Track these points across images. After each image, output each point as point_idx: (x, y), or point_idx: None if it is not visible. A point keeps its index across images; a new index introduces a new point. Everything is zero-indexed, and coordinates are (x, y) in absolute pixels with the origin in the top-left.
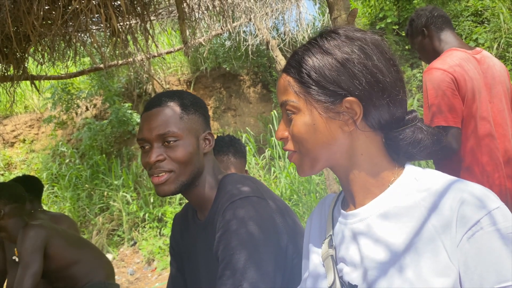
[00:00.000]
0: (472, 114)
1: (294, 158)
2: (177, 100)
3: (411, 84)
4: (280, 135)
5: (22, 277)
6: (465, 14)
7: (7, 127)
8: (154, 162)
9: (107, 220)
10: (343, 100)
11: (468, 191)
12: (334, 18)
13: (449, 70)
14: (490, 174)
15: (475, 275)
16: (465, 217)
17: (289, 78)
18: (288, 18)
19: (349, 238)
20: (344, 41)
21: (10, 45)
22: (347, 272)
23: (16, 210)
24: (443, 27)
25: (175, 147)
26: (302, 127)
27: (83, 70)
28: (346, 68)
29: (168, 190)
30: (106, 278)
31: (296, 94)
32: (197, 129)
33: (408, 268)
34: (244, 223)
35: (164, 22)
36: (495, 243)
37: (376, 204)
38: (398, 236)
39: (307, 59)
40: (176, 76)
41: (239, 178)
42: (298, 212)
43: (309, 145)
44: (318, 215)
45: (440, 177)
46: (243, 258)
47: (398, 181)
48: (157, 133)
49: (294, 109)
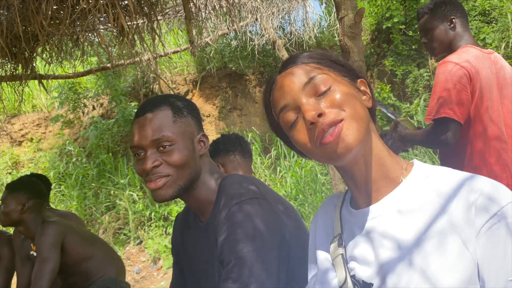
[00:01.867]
0: (481, 114)
1: (338, 129)
2: (168, 104)
3: (417, 84)
4: (316, 112)
5: (41, 272)
6: (472, 13)
7: (15, 126)
8: (151, 169)
9: (113, 219)
10: (357, 80)
11: (484, 185)
12: (341, 17)
13: (464, 65)
14: (498, 174)
15: (492, 267)
16: (483, 209)
17: (304, 65)
18: (295, 18)
19: (360, 236)
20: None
21: (19, 44)
22: (360, 270)
23: (38, 205)
24: (465, 23)
25: (170, 151)
26: (344, 91)
27: (90, 70)
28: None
29: (166, 194)
30: (117, 275)
31: (323, 70)
32: (191, 131)
33: (425, 264)
34: (249, 223)
35: (171, 21)
36: (509, 236)
37: (390, 201)
38: (413, 233)
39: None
40: (182, 76)
41: (240, 179)
42: (304, 212)
43: (355, 108)
44: (323, 216)
45: (452, 172)
46: (249, 258)
47: (409, 178)
48: (151, 139)
49: (327, 81)
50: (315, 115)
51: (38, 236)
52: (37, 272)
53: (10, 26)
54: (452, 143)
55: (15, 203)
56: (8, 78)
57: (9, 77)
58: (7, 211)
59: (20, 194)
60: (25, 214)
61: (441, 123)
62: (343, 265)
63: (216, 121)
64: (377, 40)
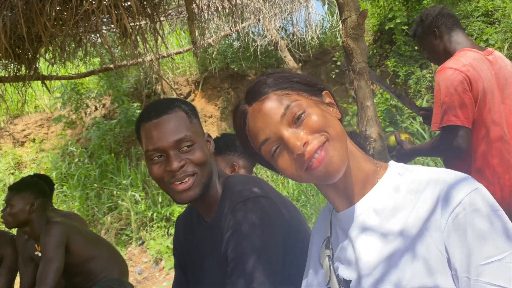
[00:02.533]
0: (484, 116)
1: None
2: (179, 107)
3: (420, 85)
4: (301, 142)
5: (46, 272)
6: (475, 14)
7: (18, 126)
8: (178, 169)
9: (116, 219)
10: (322, 93)
11: (448, 177)
12: (344, 19)
13: (463, 70)
14: (501, 175)
15: (462, 255)
16: (448, 201)
17: (273, 93)
18: (297, 19)
19: (343, 238)
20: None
21: (22, 45)
22: (342, 269)
23: (44, 204)
24: (453, 27)
25: (192, 150)
26: (319, 114)
27: (93, 70)
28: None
29: (194, 194)
30: (120, 275)
31: (292, 96)
32: (202, 132)
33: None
34: (253, 223)
35: (174, 22)
36: (477, 222)
37: (365, 202)
38: (389, 230)
39: (275, 76)
40: (184, 77)
41: (244, 178)
42: (306, 213)
43: (333, 127)
44: (321, 220)
45: (422, 169)
46: (252, 259)
47: (384, 178)
48: (173, 139)
49: (301, 107)
50: (301, 146)
51: (43, 236)
52: (42, 272)
53: (13, 27)
54: (465, 149)
55: (22, 203)
56: (11, 78)
57: (12, 77)
58: (14, 212)
59: (27, 194)
60: (33, 214)
61: (449, 131)
62: (329, 266)
63: (218, 121)
64: (379, 41)
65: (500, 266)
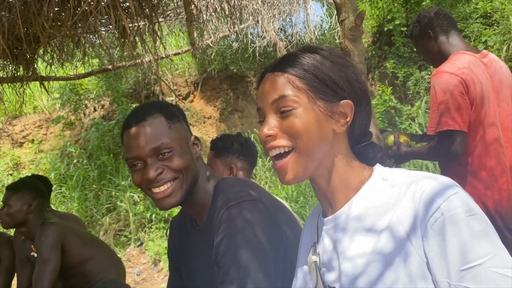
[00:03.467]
0: (480, 119)
1: (287, 160)
2: (160, 111)
3: (419, 86)
4: (266, 132)
5: (42, 273)
6: (474, 16)
7: (16, 127)
8: (155, 177)
9: (114, 221)
10: (340, 101)
11: (429, 181)
12: (341, 20)
13: (458, 74)
14: (497, 178)
15: (442, 260)
16: (426, 207)
17: (287, 75)
18: (296, 20)
19: (328, 244)
20: (334, 52)
21: (20, 46)
22: (327, 275)
23: (41, 205)
24: (449, 29)
25: (170, 158)
26: (305, 120)
27: (91, 71)
28: (345, 73)
29: (174, 201)
30: (117, 277)
31: (297, 89)
32: (185, 136)
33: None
34: (243, 227)
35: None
36: (456, 227)
37: (349, 208)
38: (370, 237)
39: (308, 60)
40: (183, 78)
41: (236, 182)
42: (305, 215)
43: (309, 141)
44: (309, 224)
45: (405, 173)
46: (246, 259)
47: (368, 183)
48: (150, 148)
49: (294, 103)
50: (265, 135)
51: (38, 237)
52: (38, 273)
53: (11, 27)
54: (461, 153)
55: (20, 204)
56: (10, 79)
57: (10, 78)
58: (12, 212)
59: (25, 194)
60: (30, 215)
61: (445, 136)
62: (315, 272)
63: (217, 123)
64: (378, 42)
65: (480, 271)
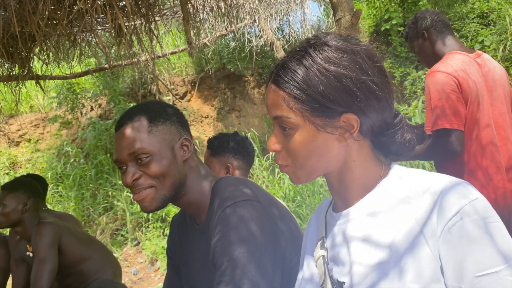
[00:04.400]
0: (475, 118)
1: (287, 170)
2: (143, 114)
3: (416, 86)
4: (273, 148)
5: (40, 273)
6: (470, 16)
7: (13, 126)
8: (131, 182)
9: (111, 220)
10: (341, 116)
11: (448, 184)
12: (337, 19)
13: (452, 73)
14: (492, 177)
15: (456, 265)
16: (445, 209)
17: (282, 93)
18: (293, 19)
19: (338, 239)
20: (337, 54)
21: (16, 44)
22: (337, 271)
23: (36, 204)
24: (443, 30)
25: (148, 163)
26: (300, 143)
27: (88, 70)
28: (343, 85)
29: (150, 206)
30: (113, 277)
31: (292, 110)
32: (170, 138)
33: (394, 264)
34: (243, 224)
35: (169, 22)
36: (474, 232)
37: (364, 204)
38: (384, 234)
39: (302, 75)
40: (180, 77)
41: (233, 181)
42: (301, 214)
43: (306, 160)
44: (316, 219)
45: (424, 174)
46: (242, 259)
47: (384, 181)
48: (127, 153)
49: (291, 125)
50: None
51: (34, 237)
52: (37, 273)
53: (6, 26)
54: (459, 151)
55: (15, 203)
56: (5, 78)
57: (6, 77)
58: (7, 212)
59: (20, 193)
60: (25, 214)
61: (441, 134)
62: (323, 266)
63: (215, 122)
64: (375, 42)
65: (496, 279)
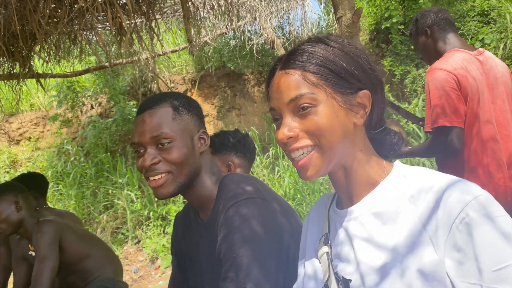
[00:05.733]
0: (475, 115)
1: (309, 157)
2: (168, 102)
3: (416, 84)
4: (286, 134)
5: (41, 271)
6: (471, 14)
7: (13, 125)
8: (149, 165)
9: (111, 218)
10: (358, 92)
11: (452, 183)
12: (338, 17)
13: (451, 71)
14: (493, 174)
15: (472, 262)
16: (451, 207)
17: (301, 72)
18: (293, 18)
19: (343, 236)
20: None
21: (16, 43)
22: (342, 268)
23: (27, 199)
24: (446, 28)
25: (169, 149)
26: (326, 117)
27: (88, 69)
28: (359, 64)
29: (167, 192)
30: (114, 275)
31: (314, 86)
32: (191, 129)
33: (398, 264)
34: (246, 224)
35: (169, 21)
36: (484, 227)
37: (368, 202)
38: (389, 233)
39: (319, 52)
40: (181, 75)
41: (240, 178)
42: (302, 212)
43: (332, 137)
44: (316, 214)
45: (427, 173)
46: (246, 259)
47: (388, 179)
48: (150, 136)
49: (313, 101)
50: (286, 137)
51: (34, 235)
52: (38, 271)
53: (7, 24)
54: (459, 148)
55: (7, 206)
56: (6, 76)
57: (6, 75)
58: (5, 217)
59: (7, 196)
60: (22, 212)
61: (441, 132)
62: (327, 263)
63: (215, 120)
64: (376, 40)
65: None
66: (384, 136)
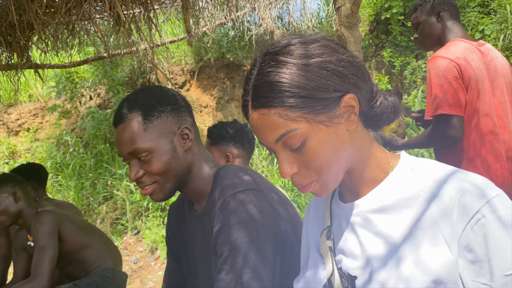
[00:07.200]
0: (474, 106)
1: (314, 186)
2: (137, 109)
3: (415, 75)
4: (290, 172)
5: (41, 261)
6: (471, 4)
7: (12, 115)
8: (135, 180)
9: (111, 209)
10: (341, 100)
11: (467, 181)
12: (338, 7)
13: (454, 60)
14: (491, 165)
15: (484, 263)
16: (466, 206)
17: (275, 111)
18: (293, 8)
19: (347, 230)
20: (305, 48)
21: (14, 33)
22: (346, 263)
23: (25, 190)
24: (455, 16)
25: (149, 161)
26: (318, 148)
27: (86, 59)
28: (330, 70)
29: (158, 198)
30: (114, 265)
31: (293, 120)
32: (168, 131)
33: (407, 260)
34: (242, 216)
35: (168, 11)
36: (499, 230)
37: (374, 196)
38: (397, 228)
39: (287, 81)
40: (179, 66)
41: (235, 169)
42: (300, 203)
43: (329, 164)
44: (315, 206)
45: (438, 167)
46: (244, 243)
47: (395, 172)
48: (127, 152)
49: (300, 137)
50: (288, 176)
51: (33, 225)
52: (37, 261)
53: (4, 14)
54: (459, 137)
55: (5, 197)
56: (4, 67)
57: (4, 66)
58: (3, 209)
59: (4, 187)
60: (20, 202)
61: (442, 120)
62: (330, 258)
63: (214, 111)
64: (375, 31)
65: None
66: (380, 105)
